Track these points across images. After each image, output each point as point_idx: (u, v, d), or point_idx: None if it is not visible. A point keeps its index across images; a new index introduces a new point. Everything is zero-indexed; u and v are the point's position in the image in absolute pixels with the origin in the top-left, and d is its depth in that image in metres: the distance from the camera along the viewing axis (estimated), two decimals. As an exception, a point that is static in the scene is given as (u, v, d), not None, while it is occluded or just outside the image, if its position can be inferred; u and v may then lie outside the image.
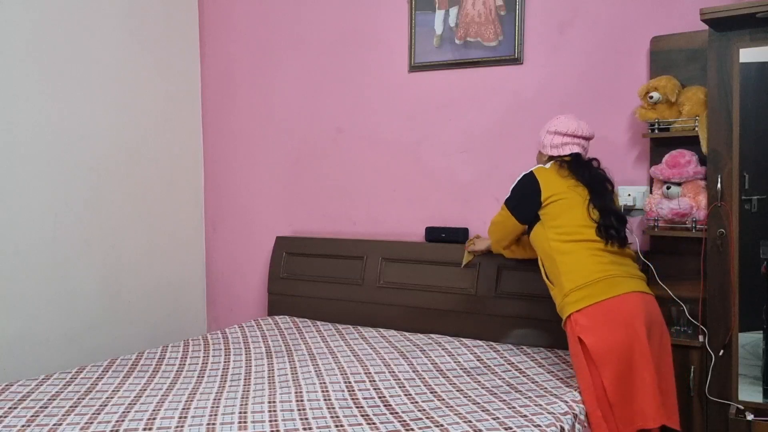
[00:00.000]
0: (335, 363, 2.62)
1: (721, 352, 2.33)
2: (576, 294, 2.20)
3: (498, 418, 2.02)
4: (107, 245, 3.36)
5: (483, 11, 3.09)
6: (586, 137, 2.44)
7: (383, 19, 3.35)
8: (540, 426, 1.95)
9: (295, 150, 3.65)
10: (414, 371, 2.52)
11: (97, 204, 3.31)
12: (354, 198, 3.49)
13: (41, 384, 2.37)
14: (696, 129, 2.48)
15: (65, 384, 2.39)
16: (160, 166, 3.65)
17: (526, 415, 2.04)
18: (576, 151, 2.42)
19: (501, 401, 2.18)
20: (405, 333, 3.05)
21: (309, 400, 2.20)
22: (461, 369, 2.56)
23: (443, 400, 2.21)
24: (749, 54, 2.25)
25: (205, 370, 2.62)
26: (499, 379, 2.43)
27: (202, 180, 3.95)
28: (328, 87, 3.53)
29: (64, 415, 2.07)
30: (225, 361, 2.72)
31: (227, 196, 3.90)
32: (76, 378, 2.46)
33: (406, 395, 2.26)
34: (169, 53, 3.71)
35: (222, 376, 2.53)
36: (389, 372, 2.51)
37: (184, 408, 2.14)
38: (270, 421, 2.01)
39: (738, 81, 2.26)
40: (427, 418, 2.03)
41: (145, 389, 2.35)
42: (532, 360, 2.63)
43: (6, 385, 2.35)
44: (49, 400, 2.22)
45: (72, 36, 3.17)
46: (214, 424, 1.99)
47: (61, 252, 3.14)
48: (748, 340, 2.32)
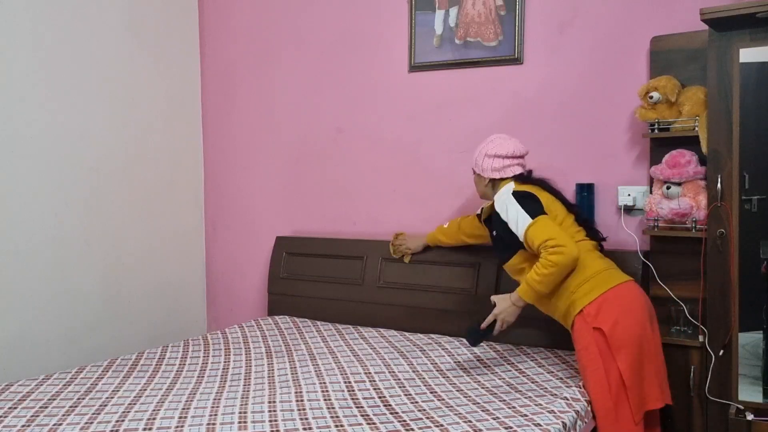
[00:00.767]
0: (335, 363, 2.62)
1: (721, 352, 2.33)
2: (584, 288, 2.27)
3: (498, 417, 2.02)
4: (107, 245, 3.36)
5: (483, 11, 3.09)
6: (523, 155, 2.53)
7: (383, 19, 3.35)
8: (540, 425, 1.95)
9: (295, 150, 3.65)
10: (414, 371, 2.52)
11: (98, 204, 3.31)
12: (354, 198, 3.49)
13: (41, 384, 2.37)
14: (696, 129, 2.48)
15: (65, 384, 2.39)
16: (160, 166, 3.65)
17: (526, 415, 2.04)
18: (518, 172, 2.49)
19: (501, 401, 2.18)
20: (405, 333, 3.05)
21: (309, 400, 2.20)
22: (461, 369, 2.56)
23: (443, 400, 2.21)
24: (749, 54, 2.25)
25: (205, 370, 2.62)
26: (499, 379, 2.43)
27: (202, 180, 3.95)
28: (328, 87, 3.53)
29: (64, 415, 2.07)
30: (225, 361, 2.72)
31: (227, 196, 3.90)
32: (76, 378, 2.46)
33: (406, 395, 2.26)
34: (169, 53, 3.71)
35: (222, 376, 2.53)
36: (389, 372, 2.51)
37: (184, 408, 2.14)
38: (270, 421, 2.01)
39: (738, 81, 2.26)
40: (427, 418, 2.03)
41: (145, 389, 2.35)
42: (532, 360, 2.63)
43: (6, 385, 2.35)
44: (49, 400, 2.22)
45: (72, 36, 3.18)
46: (214, 424, 1.99)
47: (61, 252, 3.14)
48: (748, 340, 2.32)
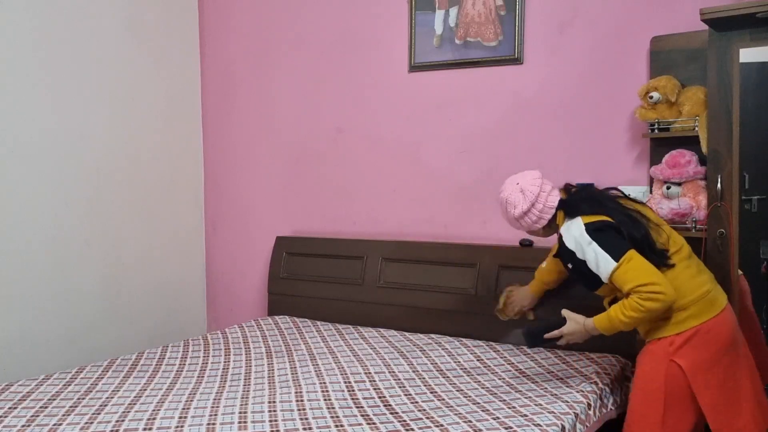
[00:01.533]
0: (335, 363, 2.62)
1: (722, 352, 2.33)
2: (678, 316, 2.00)
3: (498, 418, 2.02)
4: (107, 245, 3.36)
5: (483, 11, 3.09)
6: (536, 186, 2.16)
7: (383, 19, 3.35)
8: (540, 425, 1.95)
9: (295, 150, 3.65)
10: (414, 371, 2.52)
11: (97, 204, 3.31)
12: (354, 198, 3.49)
13: (41, 384, 2.37)
14: (696, 129, 2.48)
15: (65, 384, 2.39)
16: (160, 166, 3.65)
17: (526, 415, 2.04)
18: (558, 198, 2.15)
19: (501, 401, 2.18)
20: (405, 333, 3.05)
21: (309, 400, 2.20)
22: (461, 369, 2.55)
23: (443, 400, 2.21)
24: (749, 54, 2.25)
25: (205, 370, 2.62)
26: (499, 379, 2.43)
27: (202, 180, 3.95)
28: (328, 87, 3.53)
29: (64, 415, 2.07)
30: (225, 361, 2.72)
31: (227, 196, 3.89)
32: (76, 378, 2.46)
33: (406, 395, 2.26)
34: (169, 53, 3.71)
35: (222, 376, 2.53)
36: (389, 372, 2.51)
37: (184, 408, 2.14)
38: (270, 421, 2.01)
39: (738, 81, 2.26)
40: (427, 418, 2.03)
41: (145, 389, 2.35)
42: (532, 360, 2.63)
43: (6, 385, 2.35)
44: (49, 400, 2.22)
45: (72, 36, 3.17)
46: (214, 424, 1.99)
47: (61, 252, 3.14)
48: (748, 340, 2.32)
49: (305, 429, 1.95)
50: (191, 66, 3.86)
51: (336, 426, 1.97)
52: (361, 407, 2.14)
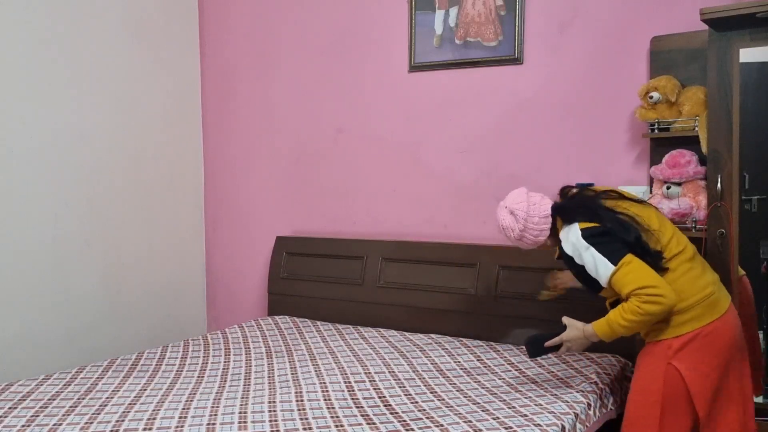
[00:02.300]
0: (335, 363, 2.62)
1: (722, 352, 2.32)
2: (678, 318, 1.98)
3: (498, 418, 2.02)
4: (107, 245, 3.36)
5: (483, 11, 3.09)
6: (525, 201, 2.16)
7: (383, 19, 3.35)
8: (540, 425, 1.95)
9: (295, 150, 3.65)
10: (414, 371, 2.52)
11: (97, 204, 3.31)
12: (354, 198, 3.49)
13: (41, 384, 2.37)
14: (696, 129, 2.48)
15: (65, 384, 2.39)
16: (160, 166, 3.65)
17: (526, 415, 2.04)
18: (550, 205, 2.15)
19: (501, 401, 2.18)
20: (405, 333, 3.05)
21: (309, 400, 2.20)
22: (461, 369, 2.55)
23: (443, 400, 2.21)
24: (749, 54, 2.25)
25: (205, 370, 2.62)
26: (499, 379, 2.43)
27: (202, 180, 3.95)
28: (328, 87, 3.53)
29: (64, 415, 2.07)
30: (225, 361, 2.72)
31: (227, 196, 3.89)
32: (76, 378, 2.46)
33: (406, 395, 2.26)
34: (169, 53, 3.71)
35: (222, 376, 2.53)
36: (389, 372, 2.51)
37: (184, 408, 2.14)
38: (270, 421, 2.01)
39: (738, 81, 2.26)
40: (427, 418, 2.03)
41: (145, 389, 2.35)
42: (532, 360, 2.63)
43: (6, 385, 2.35)
44: (49, 400, 2.22)
45: (72, 36, 3.17)
46: (214, 424, 1.99)
47: (61, 252, 3.14)
48: (748, 340, 2.32)
49: (305, 429, 1.95)
50: (191, 66, 3.86)
51: (336, 426, 1.97)
52: (361, 407, 2.14)
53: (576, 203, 2.14)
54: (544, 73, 2.99)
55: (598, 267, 1.99)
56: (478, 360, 2.65)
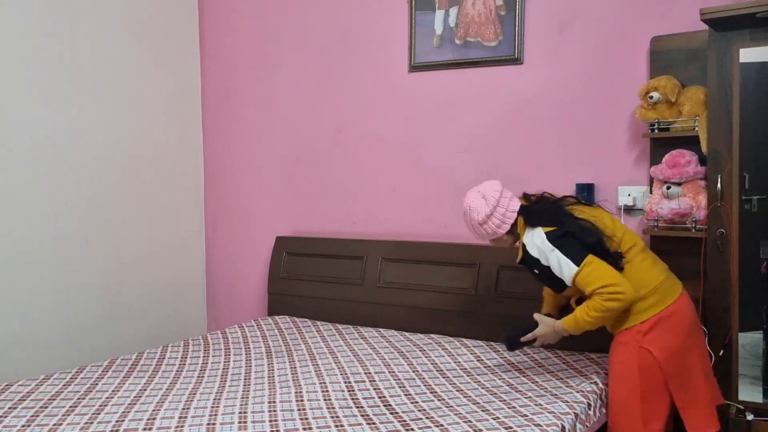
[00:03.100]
0: (335, 363, 2.62)
1: (721, 352, 2.33)
2: (639, 305, 2.14)
3: (498, 418, 2.02)
4: (107, 245, 3.36)
5: (483, 11, 3.09)
6: (497, 191, 2.27)
7: (383, 19, 3.35)
8: (540, 425, 1.95)
9: (295, 150, 3.65)
10: (414, 371, 2.52)
11: (97, 204, 3.31)
12: (354, 198, 3.49)
13: (41, 384, 2.37)
14: (696, 129, 2.48)
15: (65, 384, 2.39)
16: (160, 166, 3.65)
17: (526, 415, 2.04)
18: (518, 205, 2.26)
19: (501, 401, 2.18)
20: (405, 333, 3.05)
21: (309, 400, 2.20)
22: (461, 369, 2.56)
23: (443, 400, 2.21)
24: (749, 54, 2.25)
25: (205, 370, 2.62)
26: (499, 379, 2.43)
27: (202, 180, 3.95)
28: (328, 87, 3.53)
29: (64, 415, 2.07)
30: (225, 361, 2.72)
31: (227, 196, 3.89)
32: (76, 378, 2.46)
33: (406, 395, 2.26)
34: (169, 53, 3.71)
35: (222, 376, 2.53)
36: (389, 372, 2.51)
37: (184, 408, 2.14)
38: (270, 421, 2.01)
39: (738, 81, 2.26)
40: (427, 418, 2.03)
41: (145, 389, 2.35)
42: (532, 360, 2.63)
43: (6, 385, 2.35)
44: (49, 400, 2.22)
45: (72, 36, 3.17)
46: (214, 424, 1.99)
47: (61, 252, 3.14)
48: (748, 340, 2.32)
49: (305, 429, 1.95)
50: (191, 66, 3.86)
51: (336, 426, 1.97)
52: (361, 407, 2.14)
53: (541, 208, 2.27)
54: (544, 73, 2.99)
55: (562, 268, 2.13)
56: (478, 360, 2.65)
